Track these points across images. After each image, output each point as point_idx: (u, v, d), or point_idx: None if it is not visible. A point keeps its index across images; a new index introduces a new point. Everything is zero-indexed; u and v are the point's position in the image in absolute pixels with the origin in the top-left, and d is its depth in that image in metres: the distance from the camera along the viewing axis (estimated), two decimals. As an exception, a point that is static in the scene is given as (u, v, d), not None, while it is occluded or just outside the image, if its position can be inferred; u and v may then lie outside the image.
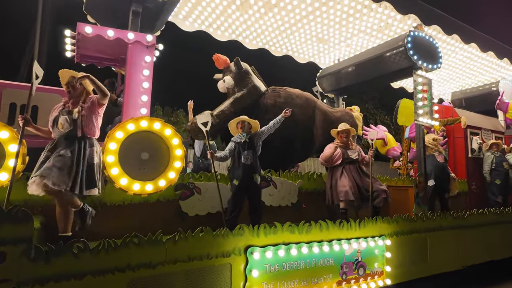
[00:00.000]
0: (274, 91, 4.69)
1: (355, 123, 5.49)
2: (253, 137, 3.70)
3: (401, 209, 5.01)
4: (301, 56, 6.95)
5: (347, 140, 4.46)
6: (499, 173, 6.53)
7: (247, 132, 3.69)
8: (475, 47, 6.16)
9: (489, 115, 8.29)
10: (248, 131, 3.72)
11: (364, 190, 4.28)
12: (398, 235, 4.19)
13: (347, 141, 4.47)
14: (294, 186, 4.26)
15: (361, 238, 3.79)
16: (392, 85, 8.67)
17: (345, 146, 4.46)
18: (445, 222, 4.78)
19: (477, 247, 5.19)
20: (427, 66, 5.35)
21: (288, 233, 3.27)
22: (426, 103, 5.40)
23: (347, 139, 4.46)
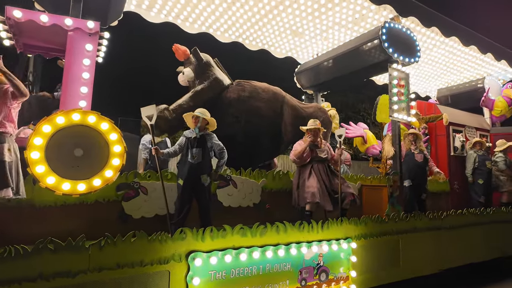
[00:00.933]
0: (239, 84, 4.45)
1: (328, 120, 5.27)
2: (206, 135, 3.44)
3: (375, 210, 4.80)
4: (277, 50, 6.71)
5: (316, 138, 4.23)
6: (482, 172, 6.35)
7: (201, 129, 3.43)
8: (456, 41, 5.96)
9: (475, 113, 8.12)
10: (203, 128, 3.46)
11: (333, 192, 4.05)
12: (367, 237, 3.97)
13: (316, 139, 4.25)
14: (256, 185, 4.02)
15: (324, 241, 3.56)
16: (376, 82, 8.49)
17: (314, 144, 4.23)
18: (420, 223, 4.57)
19: (455, 250, 4.99)
20: (404, 59, 5.13)
21: (239, 236, 3.03)
22: (402, 98, 5.18)
23: (316, 137, 4.23)
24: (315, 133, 4.22)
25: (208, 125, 3.42)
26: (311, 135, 4.22)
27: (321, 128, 4.27)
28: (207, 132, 3.42)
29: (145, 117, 3.20)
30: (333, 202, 4.03)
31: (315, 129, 4.18)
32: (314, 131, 4.19)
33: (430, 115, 6.81)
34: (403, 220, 4.40)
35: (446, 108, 7.03)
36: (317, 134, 4.26)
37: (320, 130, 4.28)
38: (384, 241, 4.14)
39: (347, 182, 4.18)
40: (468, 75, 8.13)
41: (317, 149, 4.20)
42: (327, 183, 4.03)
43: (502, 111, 7.75)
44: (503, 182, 6.45)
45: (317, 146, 4.21)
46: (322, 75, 6.40)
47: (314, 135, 4.22)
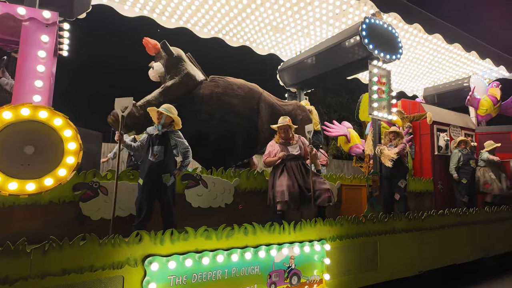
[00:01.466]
0: (213, 80, 4.30)
1: (308, 118, 5.15)
2: (169, 133, 3.26)
3: (355, 210, 4.71)
4: (259, 47, 6.58)
5: (287, 135, 4.11)
6: (466, 171, 6.29)
7: (165, 126, 3.27)
8: (440, 38, 5.88)
9: (462, 112, 8.08)
10: (167, 125, 3.29)
11: (306, 190, 3.93)
12: (343, 238, 3.85)
13: (288, 136, 4.13)
14: (229, 185, 3.88)
15: (296, 243, 3.43)
16: (362, 81, 8.40)
17: (285, 141, 4.11)
18: (399, 224, 4.47)
19: (436, 251, 4.91)
20: (385, 56, 5.04)
21: (203, 239, 2.89)
22: (384, 96, 5.09)
23: (287, 134, 4.11)
24: (285, 131, 4.10)
25: (174, 122, 3.25)
26: (282, 133, 4.11)
27: (291, 125, 4.14)
28: (171, 129, 3.26)
29: (118, 108, 3.04)
30: (307, 200, 3.91)
31: (284, 126, 4.06)
32: (284, 129, 4.07)
33: (414, 114, 6.73)
34: (381, 221, 4.29)
35: (431, 107, 6.96)
36: (288, 131, 4.13)
37: (291, 127, 4.15)
38: (361, 242, 4.03)
39: (322, 179, 4.06)
40: (454, 74, 8.09)
41: (288, 146, 4.08)
42: (300, 181, 3.90)
43: (487, 110, 7.72)
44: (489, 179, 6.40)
45: (288, 143, 4.09)
46: (304, 72, 6.28)
47: (285, 132, 4.10)
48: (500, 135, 7.39)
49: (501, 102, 7.80)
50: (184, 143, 3.25)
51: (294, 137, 4.21)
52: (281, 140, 4.14)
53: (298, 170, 3.99)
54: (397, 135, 5.26)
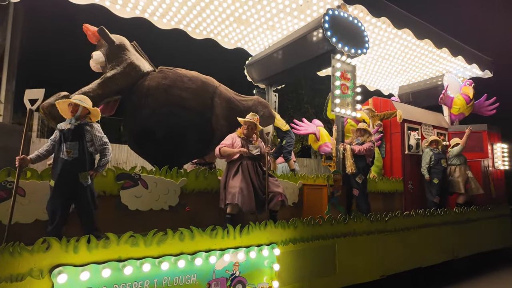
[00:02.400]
0: (161, 72, 4.01)
1: (270, 114, 4.91)
2: (84, 126, 2.86)
3: (317, 211, 4.50)
4: (225, 40, 6.31)
5: (250, 132, 3.88)
6: (437, 171, 6.17)
7: (79, 118, 2.88)
8: (409, 33, 5.74)
9: (437, 111, 8.00)
10: (82, 118, 2.90)
11: (262, 192, 3.68)
12: (296, 242, 3.63)
13: (251, 134, 3.90)
14: (174, 185, 3.60)
15: (242, 248, 3.18)
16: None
17: (247, 138, 3.87)
18: (360, 226, 4.28)
19: (401, 254, 4.75)
20: (350, 50, 4.84)
21: (128, 245, 2.60)
22: (348, 92, 4.90)
23: (250, 132, 3.88)
24: (249, 127, 3.86)
25: (90, 115, 2.92)
26: (246, 129, 3.87)
27: (258, 125, 3.91)
28: (86, 122, 2.89)
29: (27, 100, 2.71)
30: (261, 203, 3.66)
31: (250, 123, 3.82)
32: (249, 125, 3.84)
33: (385, 112, 6.59)
34: (340, 222, 4.09)
35: (402, 105, 6.83)
36: (253, 129, 3.90)
37: (257, 127, 3.92)
38: (317, 246, 3.81)
39: (277, 181, 3.82)
40: (427, 71, 8.01)
41: (250, 144, 3.84)
42: (256, 182, 3.66)
43: (460, 109, 7.66)
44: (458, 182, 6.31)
45: (250, 141, 3.85)
46: (270, 68, 6.05)
47: (249, 130, 3.86)
48: (473, 134, 7.32)
49: (474, 101, 7.75)
50: (102, 138, 2.90)
51: (257, 138, 3.99)
52: (243, 136, 3.90)
53: (255, 170, 3.74)
54: (365, 132, 5.07)
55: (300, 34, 5.10)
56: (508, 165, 7.50)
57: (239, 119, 3.96)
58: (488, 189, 7.00)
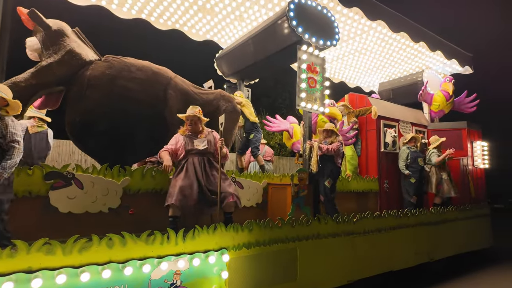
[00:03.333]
0: (106, 60, 3.68)
1: (234, 109, 4.63)
2: None
3: (281, 212, 4.22)
4: (193, 31, 6.00)
5: (194, 127, 3.59)
6: (414, 170, 5.97)
7: None
8: (384, 26, 5.50)
9: (418, 108, 7.82)
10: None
11: (210, 191, 3.38)
12: (251, 246, 3.35)
13: (196, 129, 3.60)
14: (115, 185, 3.28)
15: (184, 255, 2.89)
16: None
17: (193, 134, 3.58)
18: (324, 228, 4.02)
19: (371, 257, 4.51)
20: (318, 41, 4.58)
21: (41, 254, 2.28)
22: (317, 86, 4.63)
23: (195, 127, 3.58)
24: (193, 122, 3.58)
25: (8, 107, 2.58)
26: (189, 124, 3.58)
27: (201, 117, 3.62)
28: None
29: None
30: (210, 204, 3.37)
31: (192, 117, 3.53)
32: (191, 120, 3.54)
33: (360, 108, 6.36)
34: (303, 224, 3.82)
35: (379, 101, 6.62)
36: (197, 123, 3.61)
37: (201, 120, 3.63)
38: (275, 250, 3.53)
39: (228, 180, 3.53)
40: (407, 67, 7.81)
41: (195, 140, 3.54)
42: (203, 180, 3.36)
43: (440, 106, 7.48)
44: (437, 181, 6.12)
45: (196, 137, 3.55)
46: (240, 61, 5.76)
47: (192, 124, 3.57)
48: (452, 131, 7.16)
49: (454, 98, 7.58)
50: (13, 135, 2.51)
51: (204, 131, 3.69)
52: (188, 133, 3.61)
53: (202, 167, 3.44)
54: (332, 132, 4.81)
55: (266, 24, 4.82)
56: (488, 163, 7.35)
57: (179, 116, 3.65)
58: (467, 189, 6.84)
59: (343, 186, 5.30)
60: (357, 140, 6.39)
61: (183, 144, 3.48)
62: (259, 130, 5.63)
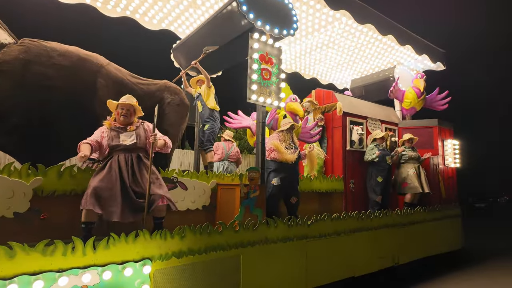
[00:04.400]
0: (22, 44, 3.24)
1: (181, 101, 4.25)
2: None
3: (230, 215, 3.84)
4: (146, 19, 5.57)
5: (126, 120, 3.19)
6: (381, 169, 5.73)
7: None
8: (348, 16, 5.21)
9: (391, 105, 7.62)
10: None
11: (136, 194, 2.98)
12: (183, 255, 2.99)
13: (128, 121, 3.20)
14: (23, 186, 2.85)
15: (94, 268, 2.49)
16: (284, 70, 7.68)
17: (121, 127, 3.18)
18: (274, 232, 3.69)
19: (328, 263, 4.21)
20: (272, 29, 4.24)
21: None
22: (272, 79, 4.29)
23: (126, 119, 3.18)
24: (128, 112, 3.19)
25: None
26: (120, 115, 3.18)
27: (137, 108, 3.24)
28: None
29: None
30: (135, 208, 2.97)
31: (128, 106, 3.16)
32: (128, 109, 3.17)
33: (326, 105, 6.08)
34: (248, 229, 3.48)
35: (346, 97, 6.35)
36: (132, 114, 3.22)
37: (136, 111, 3.25)
38: (213, 259, 3.18)
39: (159, 180, 3.14)
40: (379, 63, 7.59)
41: (122, 133, 3.14)
42: (128, 180, 2.96)
43: (411, 103, 7.28)
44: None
45: (123, 129, 3.16)
46: (196, 52, 5.35)
47: (124, 115, 3.18)
48: (423, 129, 6.98)
49: (426, 95, 7.40)
50: None
51: (134, 123, 3.29)
52: (114, 125, 3.20)
53: (128, 166, 3.04)
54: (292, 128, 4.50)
55: (218, 10, 4.46)
56: (459, 162, 7.19)
57: (109, 104, 3.24)
58: (438, 189, 6.65)
59: (304, 186, 4.99)
60: (323, 138, 6.11)
61: (107, 139, 3.08)
62: (216, 121, 5.20)
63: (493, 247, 8.12)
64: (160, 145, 3.17)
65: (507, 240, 9.12)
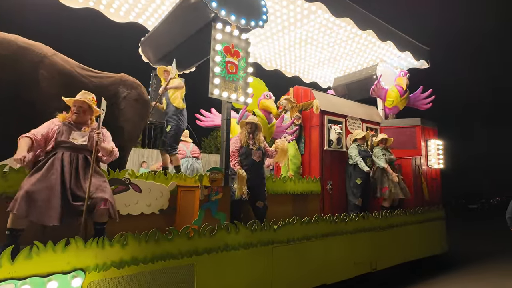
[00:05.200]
0: None
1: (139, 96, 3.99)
2: None
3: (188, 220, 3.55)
4: (111, 11, 5.25)
5: (81, 117, 2.95)
6: (361, 170, 5.46)
7: None
8: (326, 10, 4.96)
9: (374, 104, 7.40)
10: None
11: (78, 198, 2.68)
12: (124, 265, 2.68)
13: (83, 119, 2.96)
14: None
15: (10, 281, 2.18)
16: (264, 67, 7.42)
17: (75, 124, 2.91)
18: (234, 238, 3.40)
19: (296, 270, 3.93)
20: (239, 20, 3.97)
21: None
22: (240, 73, 4.03)
23: (82, 116, 2.95)
24: (81, 110, 2.94)
25: None
26: (75, 111, 2.91)
27: (94, 107, 2.97)
28: None
29: None
30: (75, 213, 2.66)
31: (81, 102, 2.92)
32: (80, 106, 2.93)
33: (303, 102, 5.83)
34: (205, 235, 3.19)
35: (324, 95, 6.10)
36: (86, 112, 2.96)
37: (92, 110, 2.98)
38: (161, 269, 2.88)
39: (104, 183, 2.84)
40: (361, 61, 7.36)
41: (75, 131, 2.87)
42: (69, 182, 2.67)
43: (394, 101, 7.06)
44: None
45: (78, 127, 2.90)
46: (163, 45, 5.09)
47: (78, 112, 2.91)
48: (406, 129, 6.76)
49: (409, 93, 7.19)
50: None
51: (92, 125, 3.03)
52: (69, 121, 2.93)
53: (72, 166, 2.75)
54: (255, 127, 4.23)
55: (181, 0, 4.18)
56: (443, 163, 6.99)
57: (64, 99, 2.98)
58: (420, 190, 6.42)
59: (277, 187, 4.72)
60: (301, 137, 5.85)
61: (56, 133, 2.79)
62: (182, 120, 4.88)
63: (480, 250, 7.93)
64: (105, 148, 2.88)
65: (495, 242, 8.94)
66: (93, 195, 2.69)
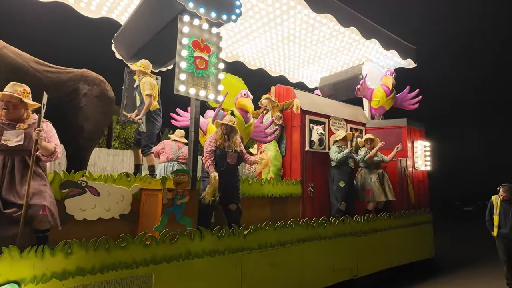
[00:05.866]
0: None
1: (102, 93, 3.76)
2: None
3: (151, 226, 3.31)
4: (82, 5, 5.02)
5: (13, 113, 2.68)
6: (343, 172, 5.27)
7: None
8: (305, 5, 4.77)
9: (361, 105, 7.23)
10: None
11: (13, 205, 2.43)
12: (69, 277, 2.44)
13: (15, 115, 2.69)
14: None
15: None
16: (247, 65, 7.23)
17: (9, 123, 2.65)
18: (198, 245, 3.17)
19: (268, 279, 3.71)
20: (209, 13, 3.76)
21: None
22: (210, 69, 3.81)
23: (13, 112, 2.68)
24: (10, 105, 2.67)
25: None
26: (4, 107, 2.64)
27: (26, 101, 2.71)
28: None
29: None
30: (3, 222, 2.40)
31: (9, 97, 2.63)
32: (8, 101, 2.64)
33: (284, 102, 5.62)
34: (164, 242, 2.95)
35: (307, 95, 5.90)
36: (16, 107, 2.69)
37: (26, 104, 2.72)
38: (112, 280, 2.64)
39: (46, 187, 2.59)
40: (346, 59, 7.19)
41: (8, 130, 2.61)
42: (1, 188, 2.42)
43: (380, 101, 6.88)
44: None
45: (13, 126, 2.64)
46: (135, 41, 4.86)
47: (9, 108, 2.66)
48: (392, 130, 6.57)
49: (395, 93, 7.02)
50: None
51: (29, 120, 2.76)
52: (1, 119, 2.67)
53: (5, 171, 2.50)
54: (231, 129, 3.99)
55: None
56: (430, 165, 6.81)
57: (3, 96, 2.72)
58: (406, 193, 6.24)
59: (254, 190, 4.50)
60: (282, 137, 5.64)
61: None
62: (157, 119, 4.64)
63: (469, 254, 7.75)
64: (46, 147, 2.63)
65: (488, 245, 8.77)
66: (30, 202, 2.45)
